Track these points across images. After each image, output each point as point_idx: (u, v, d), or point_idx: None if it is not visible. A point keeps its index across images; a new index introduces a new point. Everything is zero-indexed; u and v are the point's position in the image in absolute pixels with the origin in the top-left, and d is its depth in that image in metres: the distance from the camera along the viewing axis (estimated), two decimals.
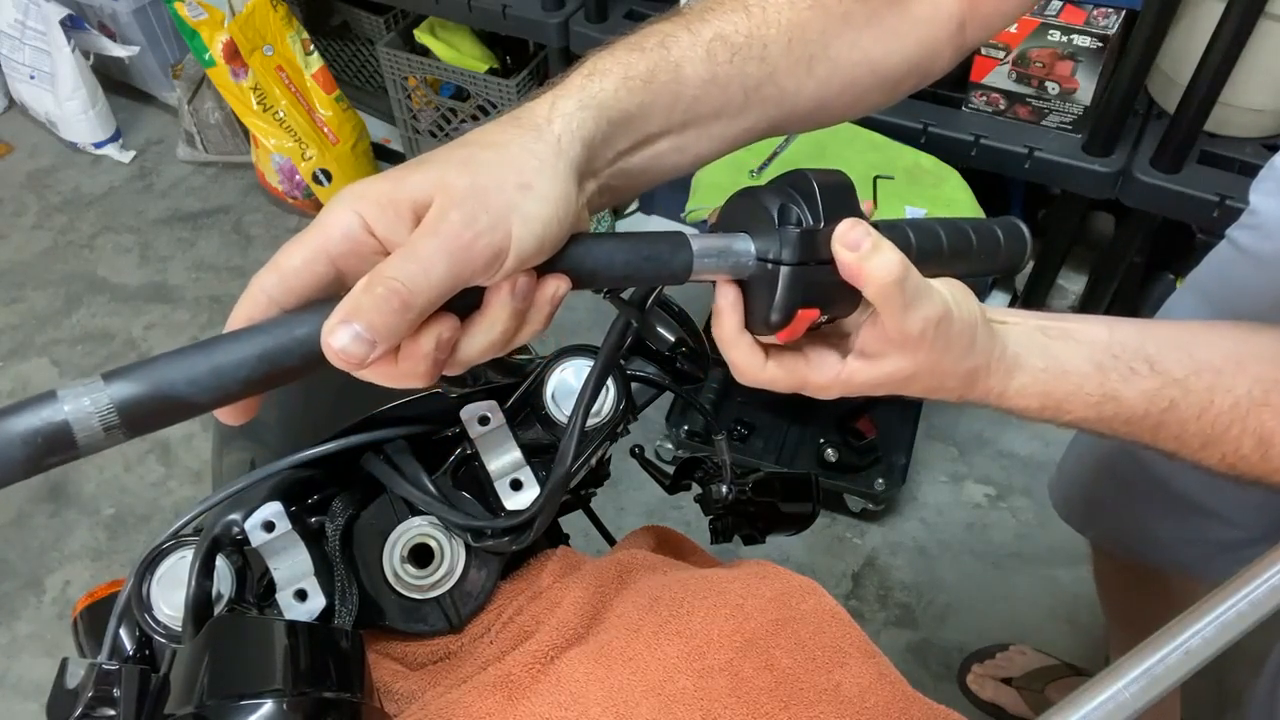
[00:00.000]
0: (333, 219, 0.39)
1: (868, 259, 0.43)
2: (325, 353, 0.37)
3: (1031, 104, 1.57)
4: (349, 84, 2.55)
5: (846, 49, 0.55)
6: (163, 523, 1.86)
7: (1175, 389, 0.51)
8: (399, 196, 0.39)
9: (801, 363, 0.48)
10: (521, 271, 0.40)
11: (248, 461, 0.70)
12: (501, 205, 0.39)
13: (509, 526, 0.60)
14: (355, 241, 0.39)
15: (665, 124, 0.49)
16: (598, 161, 0.46)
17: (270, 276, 0.39)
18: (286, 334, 0.38)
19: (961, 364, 0.48)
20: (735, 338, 0.47)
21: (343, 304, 0.37)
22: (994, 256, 0.53)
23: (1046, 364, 0.50)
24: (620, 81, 0.46)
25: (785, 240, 0.44)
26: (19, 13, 2.41)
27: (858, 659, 0.57)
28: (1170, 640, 0.40)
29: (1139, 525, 1.06)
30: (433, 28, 2.19)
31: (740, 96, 0.52)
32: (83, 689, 0.51)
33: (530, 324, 0.42)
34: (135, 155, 2.62)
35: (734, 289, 0.46)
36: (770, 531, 0.81)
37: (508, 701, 0.55)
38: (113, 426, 0.35)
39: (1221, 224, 1.47)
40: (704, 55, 0.50)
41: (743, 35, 0.51)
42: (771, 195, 0.45)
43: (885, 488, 1.68)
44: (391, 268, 0.37)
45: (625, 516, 1.79)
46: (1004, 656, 1.58)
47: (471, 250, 0.38)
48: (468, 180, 0.39)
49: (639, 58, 0.48)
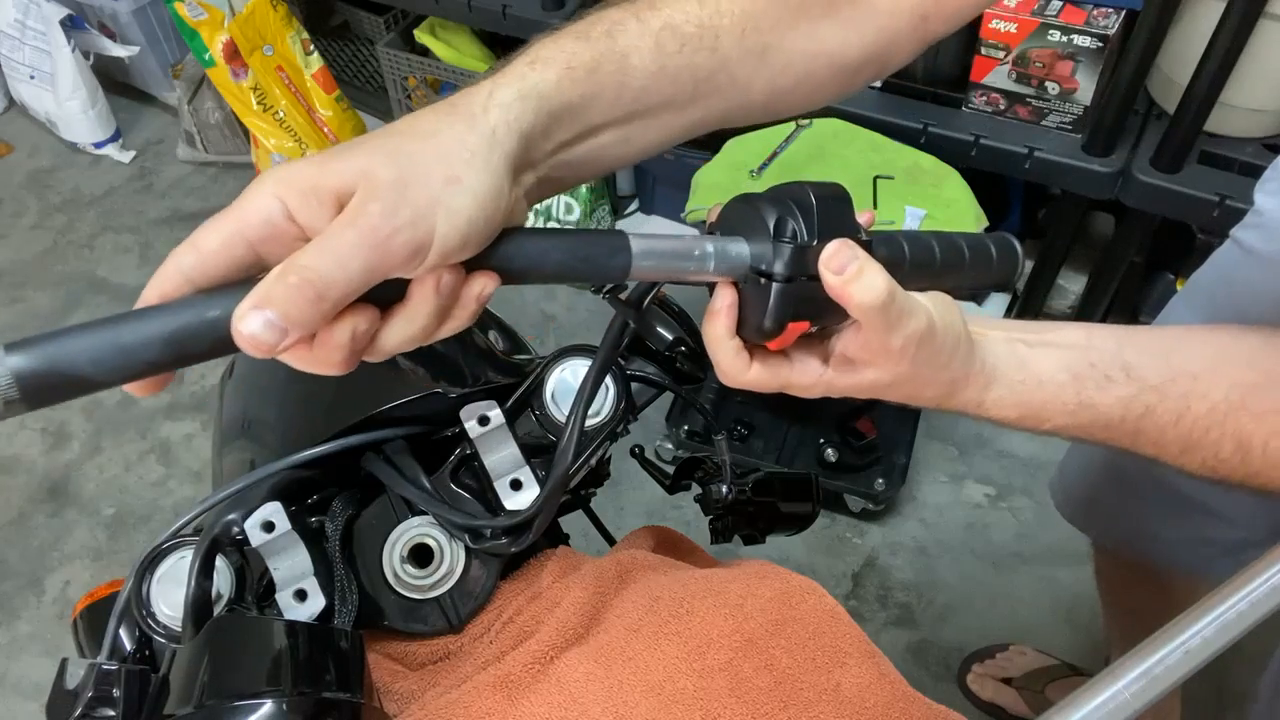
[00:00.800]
0: (253, 203, 0.38)
1: (851, 283, 0.43)
2: (235, 338, 0.36)
3: (1031, 104, 1.57)
4: (349, 84, 2.55)
5: (803, 40, 0.54)
6: (163, 523, 1.86)
7: (1151, 395, 0.52)
8: (322, 184, 0.38)
9: (785, 366, 0.49)
10: (446, 267, 0.40)
11: (248, 461, 0.70)
12: (425, 199, 0.38)
13: (508, 526, 0.60)
14: (275, 227, 0.38)
15: (609, 115, 0.48)
16: (536, 153, 0.45)
17: (188, 255, 0.38)
18: (197, 316, 0.37)
19: (940, 376, 0.49)
20: (724, 340, 0.48)
21: (255, 290, 0.36)
22: (986, 271, 0.54)
23: (1024, 376, 0.51)
24: (563, 71, 0.45)
25: (779, 255, 0.44)
26: (19, 13, 2.41)
27: (857, 659, 0.57)
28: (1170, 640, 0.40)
29: (1141, 525, 1.06)
30: (433, 28, 2.19)
31: (690, 87, 0.51)
32: (82, 689, 0.51)
33: (454, 319, 0.42)
34: (135, 155, 2.62)
35: (732, 293, 0.47)
36: (770, 531, 0.81)
37: (507, 701, 0.55)
38: (13, 400, 0.34)
39: (1221, 224, 1.47)
40: (652, 45, 0.48)
41: (694, 25, 0.50)
42: (769, 206, 0.45)
43: (885, 488, 1.68)
44: (306, 257, 0.36)
45: (625, 516, 1.79)
46: (1004, 656, 1.58)
47: (390, 244, 0.37)
48: (393, 171, 0.38)
49: (584, 47, 0.46)
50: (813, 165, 1.56)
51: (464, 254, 0.40)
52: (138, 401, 2.07)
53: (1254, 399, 0.52)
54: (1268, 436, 0.52)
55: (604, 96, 0.47)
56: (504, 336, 0.78)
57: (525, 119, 0.43)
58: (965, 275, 0.53)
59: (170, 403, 2.07)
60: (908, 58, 0.60)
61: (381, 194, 0.37)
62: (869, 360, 0.47)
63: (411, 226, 0.37)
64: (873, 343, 0.46)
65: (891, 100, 1.67)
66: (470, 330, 0.75)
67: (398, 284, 0.39)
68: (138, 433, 2.02)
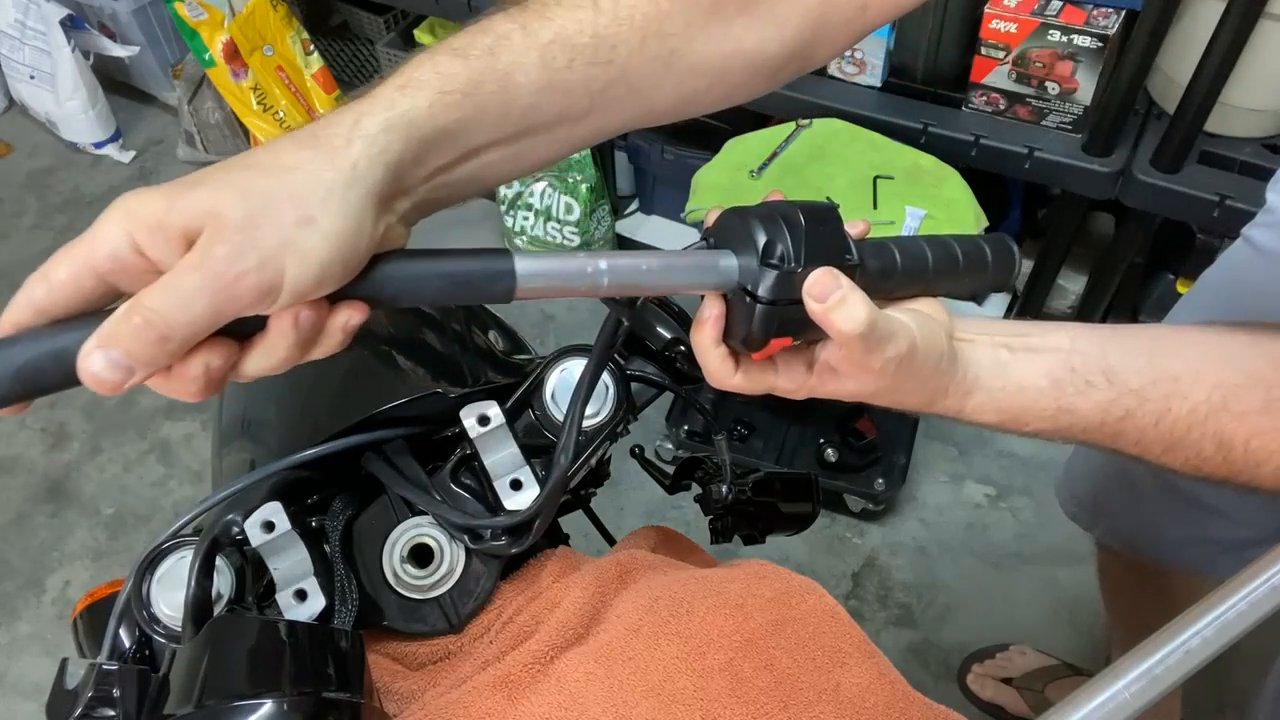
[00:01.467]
0: (101, 236, 0.37)
1: (833, 311, 0.44)
2: (80, 375, 0.36)
3: (1031, 104, 1.57)
4: (349, 84, 2.55)
5: (716, 41, 0.51)
6: (163, 523, 1.86)
7: (1131, 399, 0.53)
8: (170, 220, 0.37)
9: (770, 372, 0.50)
10: (305, 303, 0.39)
11: (248, 461, 0.70)
12: (274, 243, 0.37)
13: (508, 527, 0.60)
14: (122, 260, 0.37)
15: (494, 135, 0.46)
16: (409, 180, 0.43)
17: (39, 287, 0.38)
18: (43, 350, 0.37)
19: (921, 388, 0.50)
20: (711, 348, 0.49)
21: (101, 329, 0.36)
22: (982, 274, 0.54)
23: (1004, 382, 0.52)
24: (435, 96, 0.43)
25: (764, 278, 0.45)
26: (19, 13, 2.41)
27: (857, 659, 0.57)
28: (1170, 640, 0.40)
29: (1146, 523, 1.06)
30: (433, 28, 2.19)
31: (585, 101, 0.48)
32: (82, 689, 0.51)
33: (320, 347, 0.41)
34: (135, 155, 2.62)
35: (720, 304, 0.47)
36: (770, 531, 0.81)
37: (507, 701, 0.55)
38: None
39: (1221, 224, 1.47)
40: (538, 61, 0.46)
41: (588, 35, 0.47)
42: (760, 225, 0.46)
43: (885, 488, 1.68)
44: (151, 298, 0.36)
45: (625, 516, 1.79)
46: (1004, 656, 1.58)
47: (236, 288, 0.36)
48: (241, 211, 0.37)
49: (461, 67, 0.44)
50: (813, 165, 1.56)
51: (320, 292, 0.39)
52: (138, 401, 2.07)
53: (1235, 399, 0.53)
54: (1249, 436, 0.52)
55: (486, 118, 0.45)
56: (504, 336, 0.78)
57: (393, 150, 0.41)
58: (961, 279, 0.54)
59: (170, 403, 2.07)
60: (836, 53, 0.58)
61: (228, 236, 0.36)
62: (851, 372, 0.48)
63: (259, 270, 0.37)
64: (853, 361, 0.47)
65: (892, 100, 1.67)
66: (470, 330, 0.76)
67: (255, 319, 0.39)
68: (138, 433, 2.02)
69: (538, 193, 2.07)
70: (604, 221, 2.13)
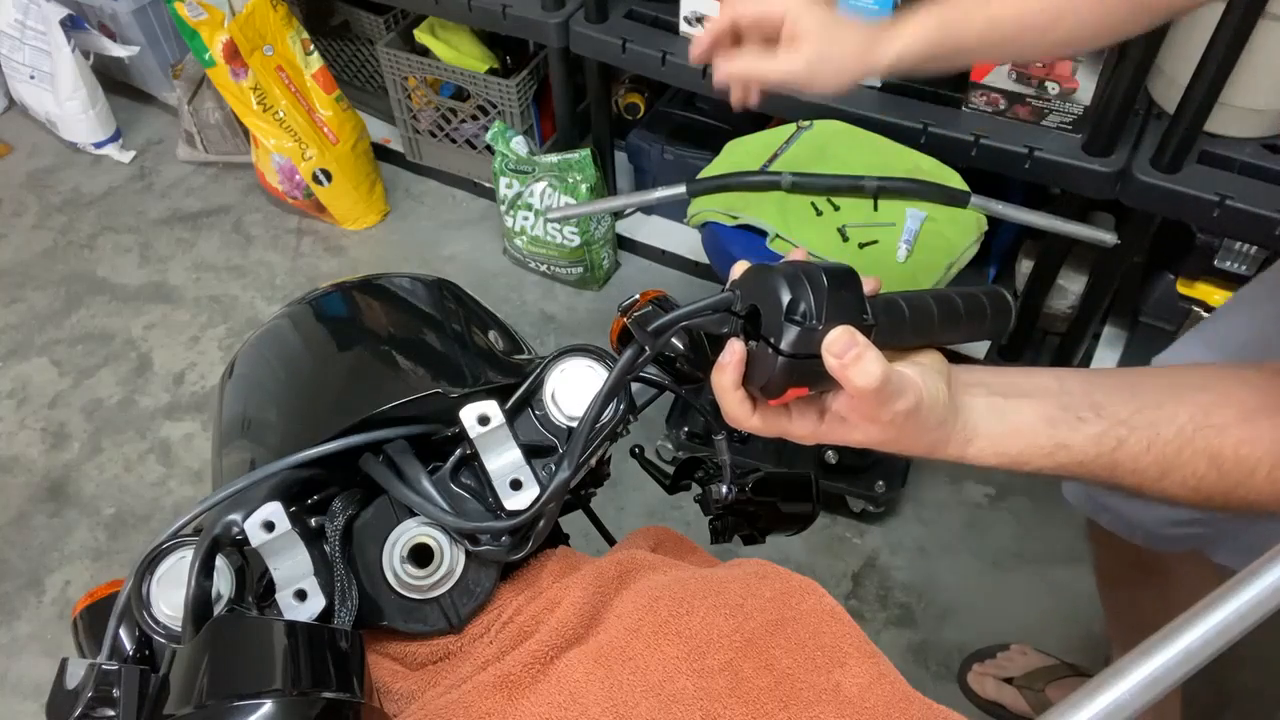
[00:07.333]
0: None
1: (850, 367, 0.49)
2: None
3: (1031, 104, 1.57)
4: (349, 84, 2.55)
5: None
6: (163, 523, 1.86)
7: (1122, 429, 0.56)
8: None
9: (785, 418, 0.56)
10: None
11: (248, 461, 0.70)
12: None
13: (507, 529, 0.60)
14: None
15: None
16: None
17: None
18: None
19: (925, 438, 0.55)
20: (729, 390, 0.54)
21: None
22: (980, 326, 0.59)
23: (1002, 429, 0.57)
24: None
25: (787, 333, 0.50)
26: (19, 13, 2.41)
27: (857, 659, 0.57)
28: (1170, 640, 0.40)
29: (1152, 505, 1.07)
30: (433, 28, 2.19)
31: None
32: (82, 689, 0.51)
33: None
34: (135, 155, 2.62)
35: (742, 349, 0.52)
36: (770, 531, 0.81)
37: (507, 701, 0.55)
38: None
39: (1221, 224, 1.47)
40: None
41: None
42: (784, 283, 0.50)
43: (885, 489, 1.68)
44: None
45: (625, 516, 1.79)
46: (1004, 656, 1.58)
47: None
48: None
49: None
50: (813, 166, 1.55)
51: None
52: (138, 401, 2.07)
53: (1214, 414, 0.56)
54: (1235, 444, 0.55)
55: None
56: (504, 336, 0.78)
57: None
58: (960, 331, 0.59)
59: (170, 403, 2.07)
60: None
61: None
62: (860, 423, 0.53)
63: None
64: (864, 412, 0.52)
65: (891, 100, 1.67)
66: (470, 330, 0.76)
67: None
68: (138, 433, 2.02)
69: (538, 193, 2.07)
70: (604, 221, 2.13)
